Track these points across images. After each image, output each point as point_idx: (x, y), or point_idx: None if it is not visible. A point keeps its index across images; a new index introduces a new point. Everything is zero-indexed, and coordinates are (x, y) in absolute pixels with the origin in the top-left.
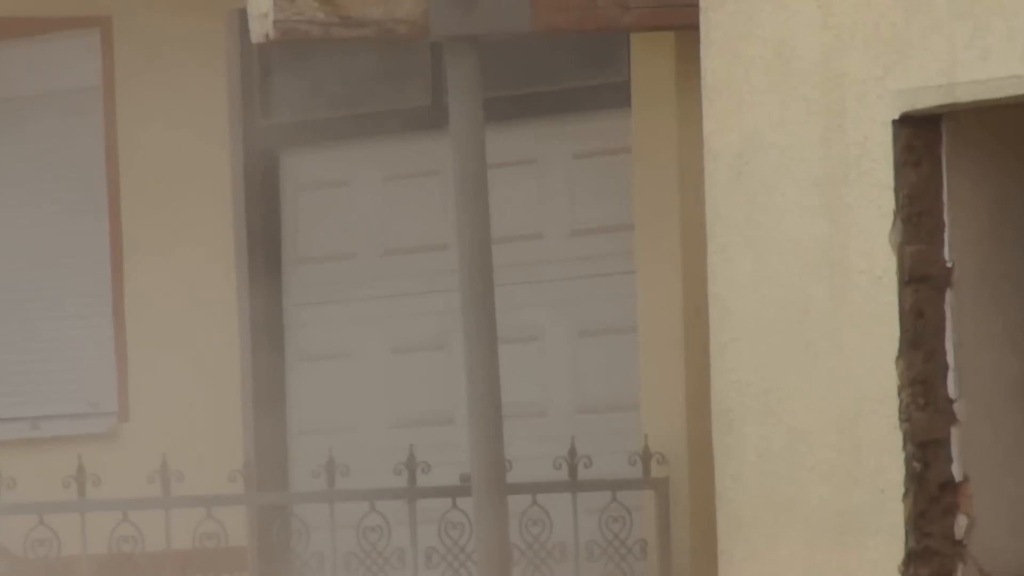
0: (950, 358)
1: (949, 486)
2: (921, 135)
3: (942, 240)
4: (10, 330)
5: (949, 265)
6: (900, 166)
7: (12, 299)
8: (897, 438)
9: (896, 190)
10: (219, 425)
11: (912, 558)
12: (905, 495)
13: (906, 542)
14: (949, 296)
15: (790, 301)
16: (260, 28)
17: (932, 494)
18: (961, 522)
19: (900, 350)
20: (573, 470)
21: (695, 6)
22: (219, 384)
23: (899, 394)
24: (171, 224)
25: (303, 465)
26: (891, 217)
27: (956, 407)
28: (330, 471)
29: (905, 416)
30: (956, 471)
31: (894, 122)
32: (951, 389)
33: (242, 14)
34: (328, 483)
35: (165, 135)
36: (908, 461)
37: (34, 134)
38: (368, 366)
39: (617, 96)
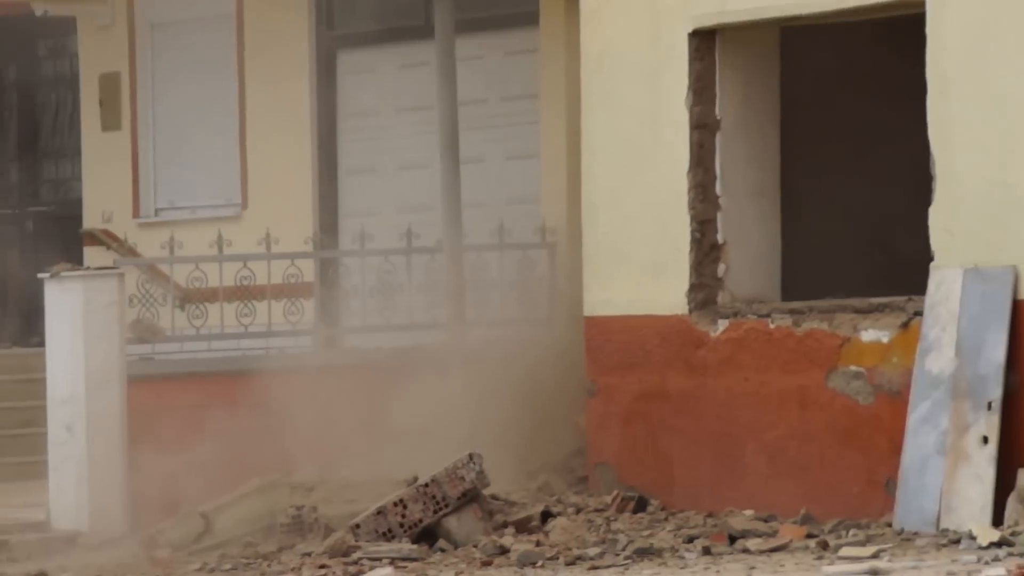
0: (718, 171)
1: (715, 247)
2: (704, 42)
3: (714, 103)
4: (180, 151)
5: (718, 117)
6: (692, 61)
7: (178, 133)
8: (686, 223)
9: (689, 75)
10: (298, 212)
11: (693, 288)
12: (690, 252)
13: (690, 279)
14: (718, 136)
15: (627, 139)
16: None
17: (706, 252)
18: (721, 268)
19: (689, 167)
20: (502, 236)
21: None
22: (298, 188)
23: (688, 193)
24: (275, 91)
25: (347, 234)
26: (686, 90)
27: (720, 200)
28: (362, 238)
29: (691, 206)
30: (719, 238)
31: (689, 34)
32: (718, 189)
33: None
34: (360, 245)
35: (276, 43)
36: (692, 233)
37: (193, 47)
38: (385, 178)
39: (531, 16)
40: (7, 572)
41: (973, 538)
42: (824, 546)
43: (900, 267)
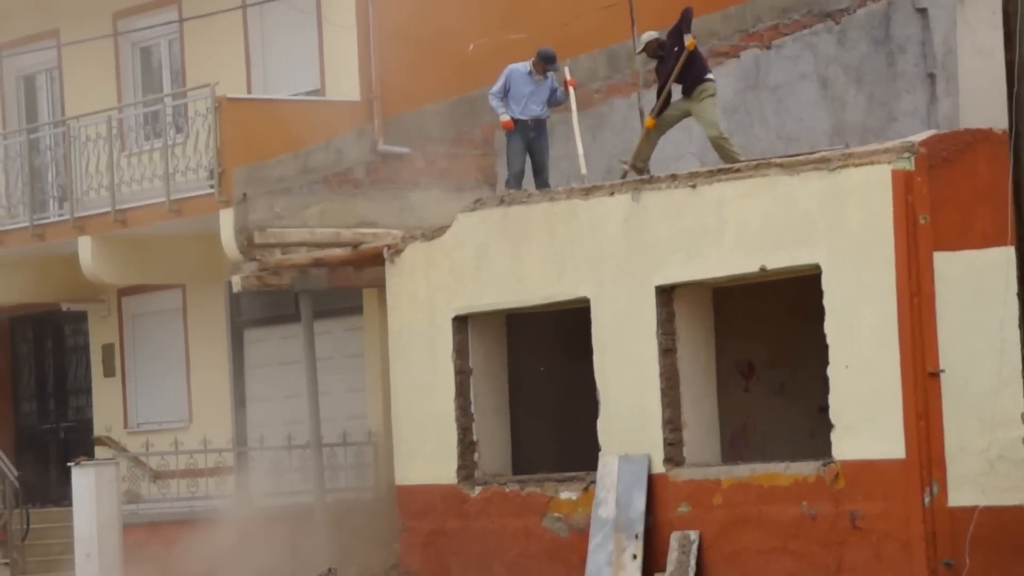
0: (472, 398)
1: (472, 443)
2: (461, 323)
3: (468, 358)
4: (151, 389)
5: (471, 367)
6: (454, 334)
7: (150, 378)
8: (454, 429)
9: (453, 342)
10: (222, 424)
11: (460, 468)
12: (457, 446)
13: (458, 465)
14: (472, 378)
15: (417, 380)
16: (236, 286)
17: (466, 446)
18: (476, 456)
19: (456, 396)
20: (345, 439)
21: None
22: (223, 410)
23: (455, 411)
24: (206, 354)
25: (253, 437)
26: (451, 351)
27: (474, 416)
28: (261, 440)
29: (457, 419)
30: (475, 438)
31: (452, 319)
32: (472, 409)
33: (229, 283)
34: (261, 444)
35: (206, 325)
36: (459, 435)
37: (158, 327)
38: (274, 403)
39: (358, 308)
40: None
41: None
42: None
43: (582, 453)
